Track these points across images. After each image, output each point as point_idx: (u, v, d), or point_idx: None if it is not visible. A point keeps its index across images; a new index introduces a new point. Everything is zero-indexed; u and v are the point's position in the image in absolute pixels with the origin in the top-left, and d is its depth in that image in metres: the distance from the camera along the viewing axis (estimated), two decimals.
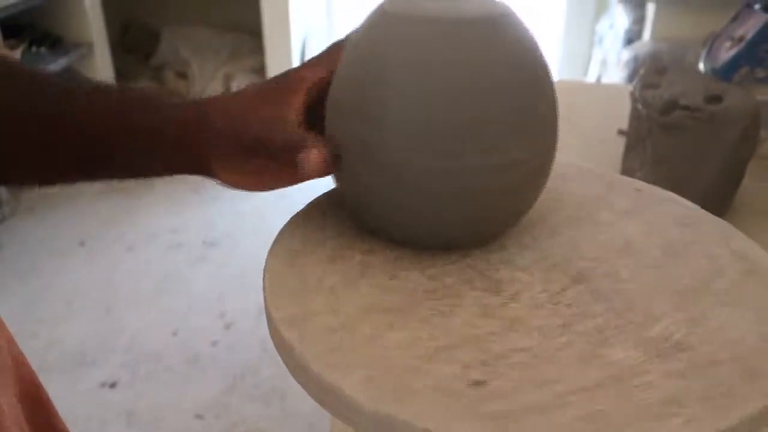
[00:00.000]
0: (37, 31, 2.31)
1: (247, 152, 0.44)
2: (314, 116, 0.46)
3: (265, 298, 0.40)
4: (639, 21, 2.10)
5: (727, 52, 0.99)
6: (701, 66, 1.03)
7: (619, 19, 2.21)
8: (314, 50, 2.67)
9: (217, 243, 2.04)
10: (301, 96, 0.44)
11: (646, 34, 2.00)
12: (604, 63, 2.22)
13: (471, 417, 0.31)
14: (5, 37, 2.09)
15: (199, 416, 1.46)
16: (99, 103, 0.46)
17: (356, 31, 0.43)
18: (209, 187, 2.82)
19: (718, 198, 0.84)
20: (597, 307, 0.39)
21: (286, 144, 0.43)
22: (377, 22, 0.42)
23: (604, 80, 2.12)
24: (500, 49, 0.40)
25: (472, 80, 0.39)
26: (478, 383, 0.33)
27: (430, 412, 0.32)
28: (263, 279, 0.42)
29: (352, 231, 0.46)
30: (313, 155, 0.42)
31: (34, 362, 0.58)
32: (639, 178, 0.90)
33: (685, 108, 0.82)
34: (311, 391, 0.35)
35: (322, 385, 0.34)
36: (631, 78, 1.88)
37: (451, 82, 0.39)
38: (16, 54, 2.10)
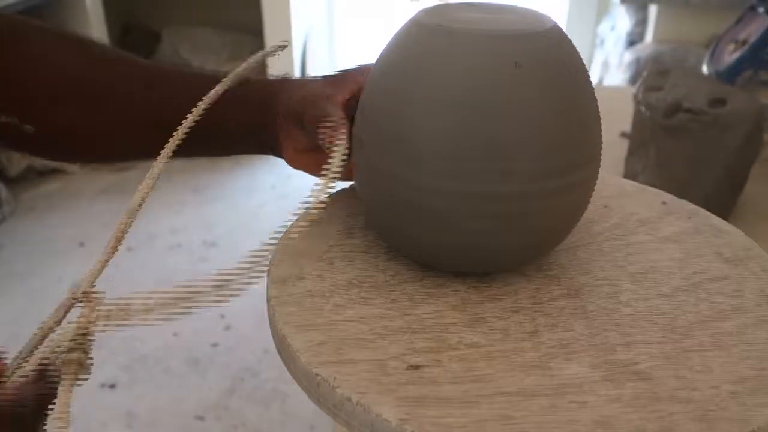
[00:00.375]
0: None
1: (296, 122, 0.46)
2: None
3: (272, 258, 0.43)
4: (641, 23, 2.09)
5: (730, 55, 0.99)
6: (704, 69, 1.02)
7: (621, 20, 2.21)
8: (315, 50, 2.67)
9: (217, 243, 2.03)
10: (354, 86, 0.45)
11: (648, 36, 2.00)
12: (605, 65, 2.22)
13: (388, 394, 0.32)
14: None
15: (199, 418, 1.45)
16: (188, 85, 0.48)
17: (387, 45, 0.41)
18: (209, 187, 2.81)
19: (721, 202, 0.84)
20: (576, 323, 0.38)
21: (314, 119, 0.44)
22: (410, 35, 0.39)
23: (606, 82, 2.12)
24: (546, 65, 0.37)
25: (515, 99, 0.36)
26: (414, 367, 0.34)
27: (354, 381, 0.33)
28: (278, 240, 0.43)
29: None
30: (333, 160, 0.42)
31: None
32: (641, 182, 0.89)
33: (689, 111, 0.82)
34: (275, 342, 0.38)
35: (280, 339, 0.37)
36: (633, 80, 1.88)
37: (491, 101, 0.36)
38: None
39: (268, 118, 0.48)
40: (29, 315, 1.74)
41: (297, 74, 2.56)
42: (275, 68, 2.51)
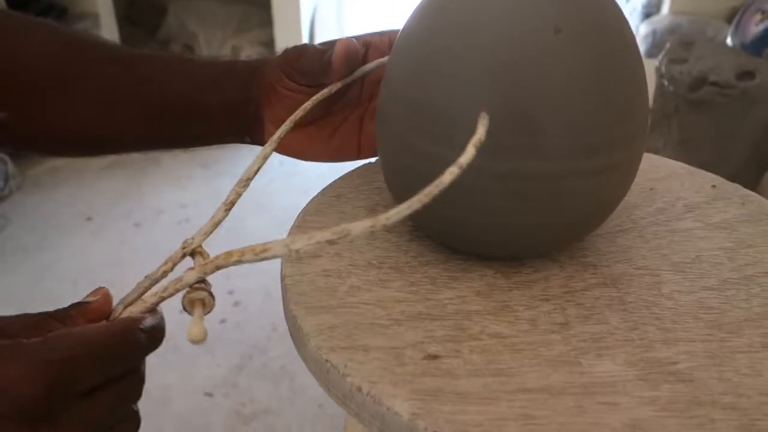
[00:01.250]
0: (42, 2, 2.27)
1: (291, 68, 0.44)
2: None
3: (293, 225, 0.42)
4: None
5: (756, 26, 0.95)
6: (729, 40, 0.99)
7: None
8: (324, 23, 2.63)
9: (225, 223, 2.01)
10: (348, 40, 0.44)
11: (665, 8, 1.95)
12: None
13: (402, 385, 0.30)
14: (11, 9, 2.05)
15: (207, 394, 1.44)
16: (171, 73, 0.47)
17: (414, 9, 0.38)
18: (217, 162, 2.79)
19: (746, 179, 0.81)
20: (612, 316, 0.35)
21: (315, 53, 0.43)
22: None
23: None
24: (589, 32, 0.33)
25: (552, 69, 0.32)
26: (432, 357, 0.32)
27: (367, 370, 0.31)
28: (302, 211, 0.43)
29: None
30: (339, 44, 0.42)
31: None
32: None
33: (715, 84, 0.78)
34: (287, 324, 0.36)
35: (291, 321, 0.35)
36: (650, 53, 1.83)
37: (525, 70, 0.32)
38: None
39: (252, 93, 0.46)
40: (37, 289, 1.73)
41: None
42: (282, 42, 2.48)
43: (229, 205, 0.37)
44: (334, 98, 0.46)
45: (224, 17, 2.67)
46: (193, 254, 0.37)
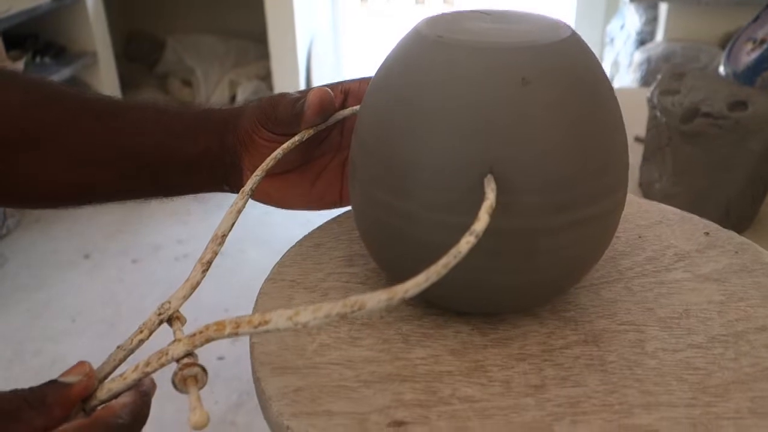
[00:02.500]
0: (40, 41, 2.29)
1: (266, 118, 0.44)
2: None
3: (267, 278, 0.41)
4: (651, 21, 2.05)
5: (748, 55, 0.95)
6: (721, 69, 0.98)
7: (631, 19, 2.17)
8: (321, 56, 2.64)
9: (224, 253, 2.00)
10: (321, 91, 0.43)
11: (659, 35, 1.96)
12: (615, 65, 2.18)
13: None
14: (8, 48, 2.07)
15: None
16: (145, 124, 0.46)
17: (386, 58, 0.37)
18: (214, 195, 2.78)
19: (742, 211, 0.80)
20: (590, 377, 0.33)
21: (288, 105, 0.42)
22: (409, 46, 0.35)
23: (616, 82, 2.08)
24: (558, 82, 0.32)
25: (520, 121, 0.31)
26: (398, 424, 0.30)
27: None
28: (276, 263, 0.42)
29: None
30: (312, 94, 0.41)
31: (38, 379, 0.56)
32: (658, 190, 0.86)
33: (708, 115, 0.78)
34: (254, 384, 0.35)
35: (256, 382, 0.34)
36: (644, 80, 1.84)
37: (492, 123, 0.31)
38: (20, 65, 2.08)
39: (227, 142, 0.45)
40: (36, 327, 1.72)
41: (302, 84, 2.53)
42: (279, 75, 2.49)
43: (206, 265, 0.35)
44: (314, 145, 0.45)
45: (222, 52, 2.69)
46: (170, 320, 0.35)
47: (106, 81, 2.42)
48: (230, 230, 0.38)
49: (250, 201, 0.48)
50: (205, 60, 2.66)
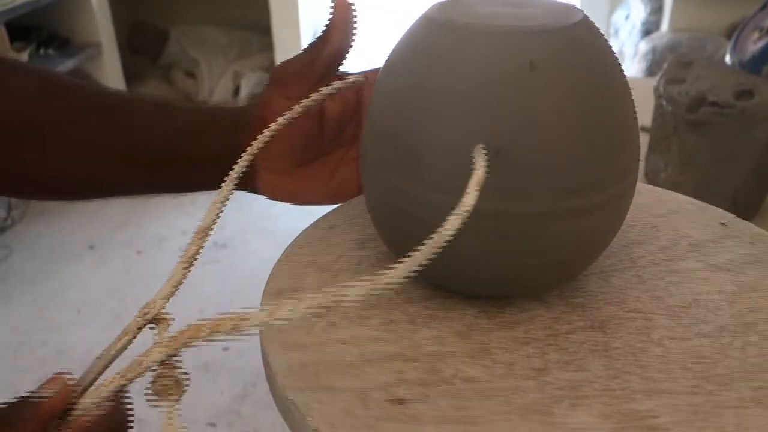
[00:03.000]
0: (44, 32, 2.29)
1: (278, 89, 0.43)
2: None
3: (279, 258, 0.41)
4: (656, 11, 2.04)
5: (755, 44, 0.94)
6: (728, 59, 0.98)
7: (636, 9, 2.16)
8: None
9: (228, 244, 2.01)
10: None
11: (664, 25, 1.95)
12: (621, 55, 2.17)
13: (363, 429, 0.29)
14: (12, 40, 2.07)
15: (211, 424, 1.43)
16: (155, 120, 0.45)
17: (396, 44, 0.37)
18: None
19: (748, 199, 0.80)
20: (594, 362, 0.33)
21: (302, 51, 0.42)
22: (418, 32, 0.35)
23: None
24: (567, 67, 0.32)
25: (529, 106, 0.31)
26: (399, 400, 0.31)
27: (329, 413, 0.30)
28: (290, 244, 0.42)
29: None
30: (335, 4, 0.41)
31: (44, 371, 0.56)
32: (664, 179, 0.85)
33: (714, 104, 0.77)
34: (262, 359, 0.35)
35: (263, 358, 0.34)
36: (649, 70, 1.83)
37: (501, 107, 0.31)
38: (24, 56, 2.08)
39: (237, 141, 0.43)
40: (41, 318, 1.73)
41: None
42: None
43: (190, 261, 0.34)
44: (330, 137, 0.45)
45: (226, 43, 2.69)
46: (155, 321, 0.33)
47: (110, 72, 2.42)
48: (215, 222, 0.36)
49: (250, 195, 0.48)
50: (209, 51, 2.66)
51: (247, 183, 0.45)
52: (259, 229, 2.06)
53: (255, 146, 0.40)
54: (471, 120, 0.32)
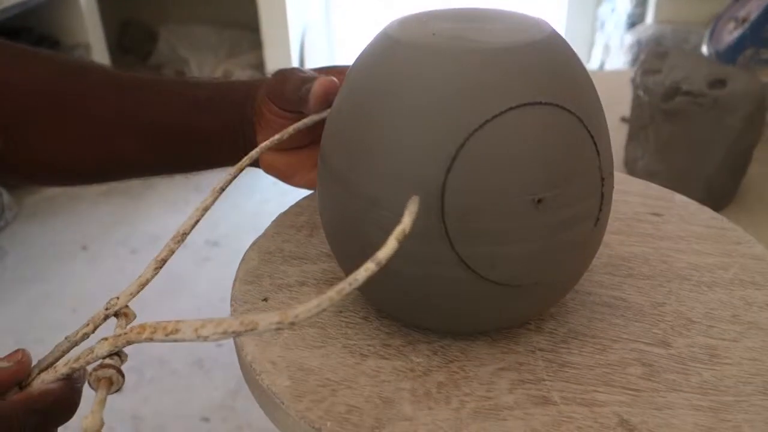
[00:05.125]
0: (33, 33, 2.29)
1: (273, 101, 0.44)
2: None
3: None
4: (641, 4, 2.06)
5: (730, 34, 0.96)
6: (704, 49, 1.00)
7: (621, 2, 2.17)
8: (314, 46, 2.65)
9: (221, 242, 2.02)
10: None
11: (649, 17, 1.97)
12: (606, 48, 2.19)
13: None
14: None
15: (204, 419, 1.44)
16: (170, 96, 0.47)
17: (357, 59, 0.36)
18: (211, 185, 2.79)
19: (723, 187, 0.82)
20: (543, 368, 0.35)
21: (294, 85, 0.43)
22: (377, 50, 0.34)
23: (608, 65, 2.09)
24: (540, 84, 0.31)
25: (504, 125, 0.30)
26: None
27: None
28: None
29: None
30: (318, 83, 0.42)
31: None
32: (641, 168, 0.87)
33: (688, 93, 0.79)
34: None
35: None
36: (634, 62, 1.85)
37: (468, 125, 0.30)
38: None
39: (247, 115, 0.46)
40: (36, 318, 1.73)
41: None
42: (273, 65, 2.50)
43: (160, 263, 0.36)
44: (322, 125, 0.46)
45: (215, 42, 2.69)
46: (117, 315, 0.36)
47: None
48: (191, 229, 0.39)
49: (245, 189, 0.50)
50: (199, 50, 2.67)
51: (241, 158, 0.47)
52: (252, 226, 2.06)
53: (256, 152, 0.42)
54: (420, 141, 0.31)
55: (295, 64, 2.52)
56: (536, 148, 0.31)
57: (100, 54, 2.45)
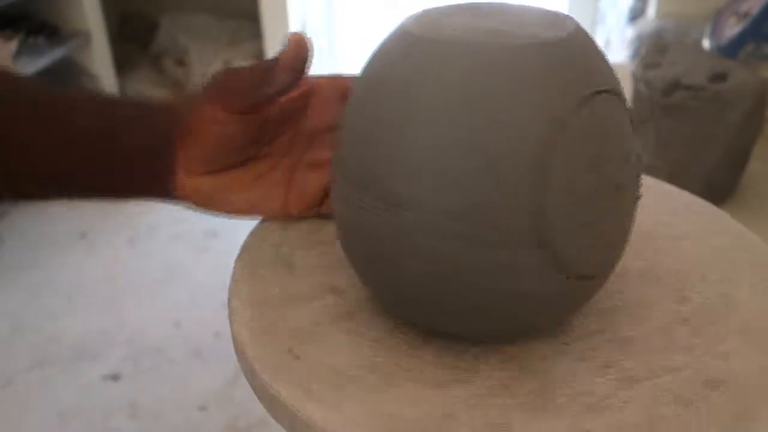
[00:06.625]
0: (33, 21, 2.28)
1: (215, 100, 0.39)
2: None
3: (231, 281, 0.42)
4: None
5: (732, 29, 0.96)
6: (706, 43, 0.99)
7: None
8: (315, 36, 2.64)
9: (218, 233, 2.02)
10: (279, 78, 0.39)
11: (650, 11, 1.96)
12: (608, 42, 2.18)
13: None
14: (1, 28, 2.07)
15: (202, 408, 1.45)
16: (81, 114, 0.41)
17: (372, 56, 0.34)
18: None
19: (723, 182, 0.82)
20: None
21: (252, 69, 0.39)
22: (394, 46, 0.33)
23: (609, 59, 2.08)
24: (565, 83, 0.30)
25: (528, 126, 0.29)
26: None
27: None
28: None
29: None
30: (290, 40, 0.39)
31: (36, 356, 0.58)
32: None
33: (688, 88, 0.79)
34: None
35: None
36: (635, 57, 1.84)
37: (497, 129, 0.29)
38: (12, 45, 2.07)
39: (168, 134, 0.40)
40: (32, 306, 1.74)
41: None
42: (273, 54, 2.49)
43: None
44: (263, 142, 0.42)
45: (216, 31, 2.69)
46: None
47: (100, 61, 2.42)
48: None
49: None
50: (199, 39, 2.66)
51: (162, 189, 0.43)
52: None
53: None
54: (449, 154, 0.30)
55: None
56: (615, 134, 0.31)
57: (99, 42, 2.44)
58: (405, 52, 0.32)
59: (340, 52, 2.87)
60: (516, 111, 0.29)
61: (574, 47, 0.31)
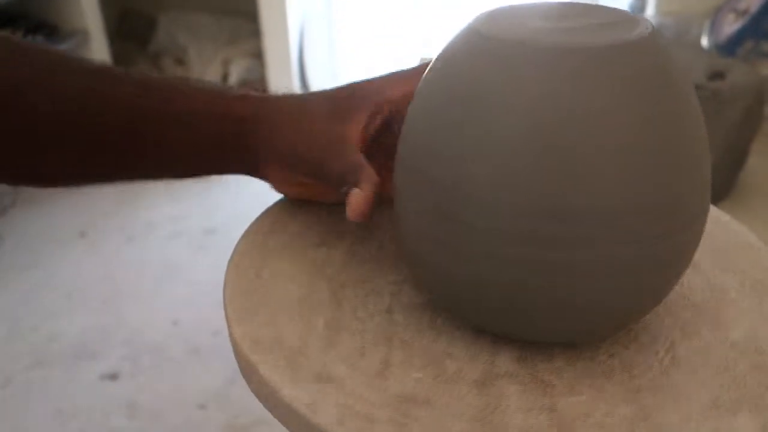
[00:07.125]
0: (31, 20, 2.28)
1: (295, 170, 0.42)
2: (387, 134, 0.41)
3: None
4: None
5: (730, 26, 0.96)
6: (705, 41, 0.99)
7: None
8: (314, 36, 2.63)
9: (217, 231, 2.02)
10: (365, 113, 0.39)
11: (650, 9, 1.96)
12: None
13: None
14: None
15: (201, 407, 1.45)
16: (147, 95, 0.44)
17: (442, 55, 0.33)
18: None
19: (721, 180, 0.82)
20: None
21: (338, 176, 0.39)
22: (463, 48, 0.32)
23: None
24: (638, 86, 0.29)
25: (598, 129, 0.29)
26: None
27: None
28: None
29: None
30: (356, 198, 0.37)
31: (34, 355, 0.58)
32: None
33: None
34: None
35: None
36: None
37: (569, 131, 0.29)
38: None
39: (249, 143, 0.43)
40: (32, 304, 1.74)
41: (294, 62, 2.51)
42: (272, 53, 2.49)
43: None
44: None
45: (215, 30, 2.68)
46: None
47: (98, 60, 2.42)
48: None
49: (242, 178, 0.46)
50: (198, 38, 2.66)
51: (257, 175, 0.46)
52: (247, 215, 2.06)
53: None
54: (525, 160, 0.29)
55: (293, 53, 2.51)
56: (700, 128, 0.33)
57: (98, 41, 2.44)
58: (469, 55, 0.31)
59: (340, 51, 2.87)
60: (604, 112, 0.29)
61: (656, 45, 0.31)
